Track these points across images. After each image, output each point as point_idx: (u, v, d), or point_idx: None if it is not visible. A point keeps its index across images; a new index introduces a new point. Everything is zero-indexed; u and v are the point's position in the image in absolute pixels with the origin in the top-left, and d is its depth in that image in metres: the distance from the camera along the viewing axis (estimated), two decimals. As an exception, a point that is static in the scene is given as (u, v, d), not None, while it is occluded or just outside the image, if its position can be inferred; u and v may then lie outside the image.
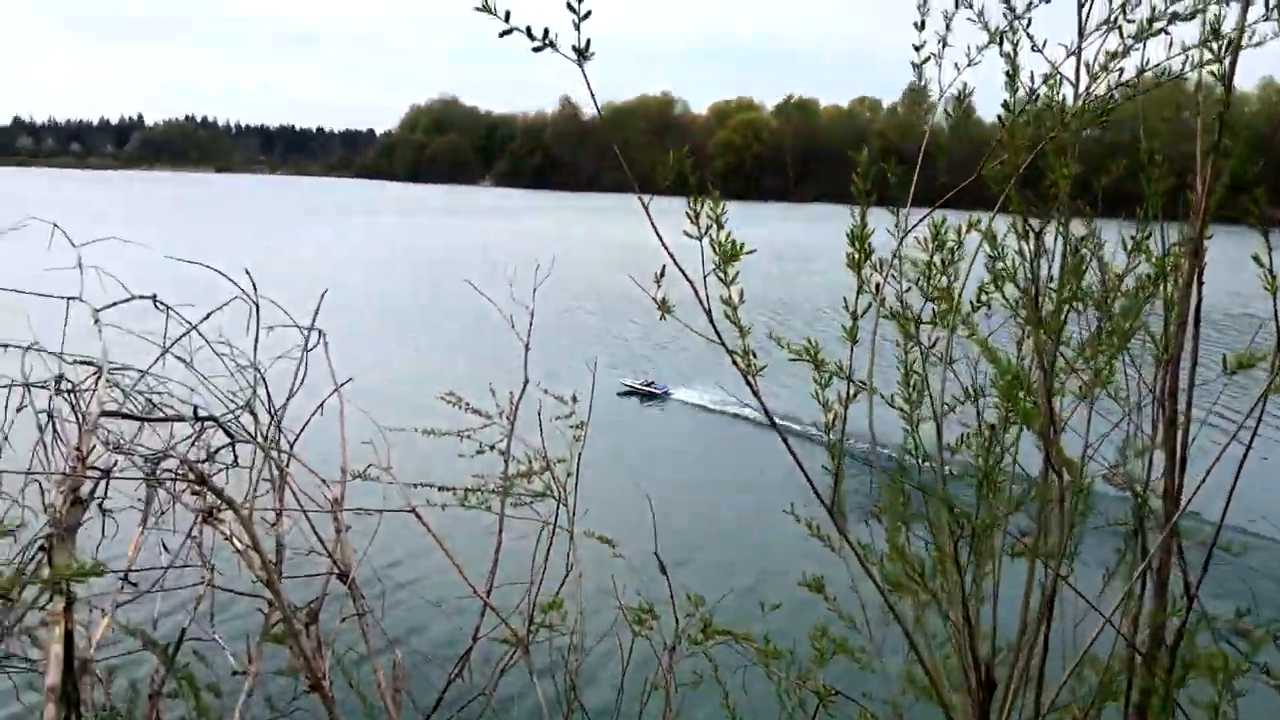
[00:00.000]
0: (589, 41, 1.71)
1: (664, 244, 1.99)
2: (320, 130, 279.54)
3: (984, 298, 2.39)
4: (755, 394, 1.87)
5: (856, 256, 2.03)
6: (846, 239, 2.02)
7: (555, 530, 3.77)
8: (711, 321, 1.86)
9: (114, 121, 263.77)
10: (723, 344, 1.87)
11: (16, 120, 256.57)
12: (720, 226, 1.89)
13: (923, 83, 2.35)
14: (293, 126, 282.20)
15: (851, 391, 2.20)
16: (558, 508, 3.84)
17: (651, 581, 3.91)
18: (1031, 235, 2.26)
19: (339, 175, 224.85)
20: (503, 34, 1.70)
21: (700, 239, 1.91)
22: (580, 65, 1.74)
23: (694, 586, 3.76)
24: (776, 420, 2.01)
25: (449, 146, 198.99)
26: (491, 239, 51.65)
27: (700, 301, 1.83)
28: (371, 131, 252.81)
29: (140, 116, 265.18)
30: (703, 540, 14.70)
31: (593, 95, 1.84)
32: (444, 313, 23.90)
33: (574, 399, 4.37)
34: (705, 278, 1.82)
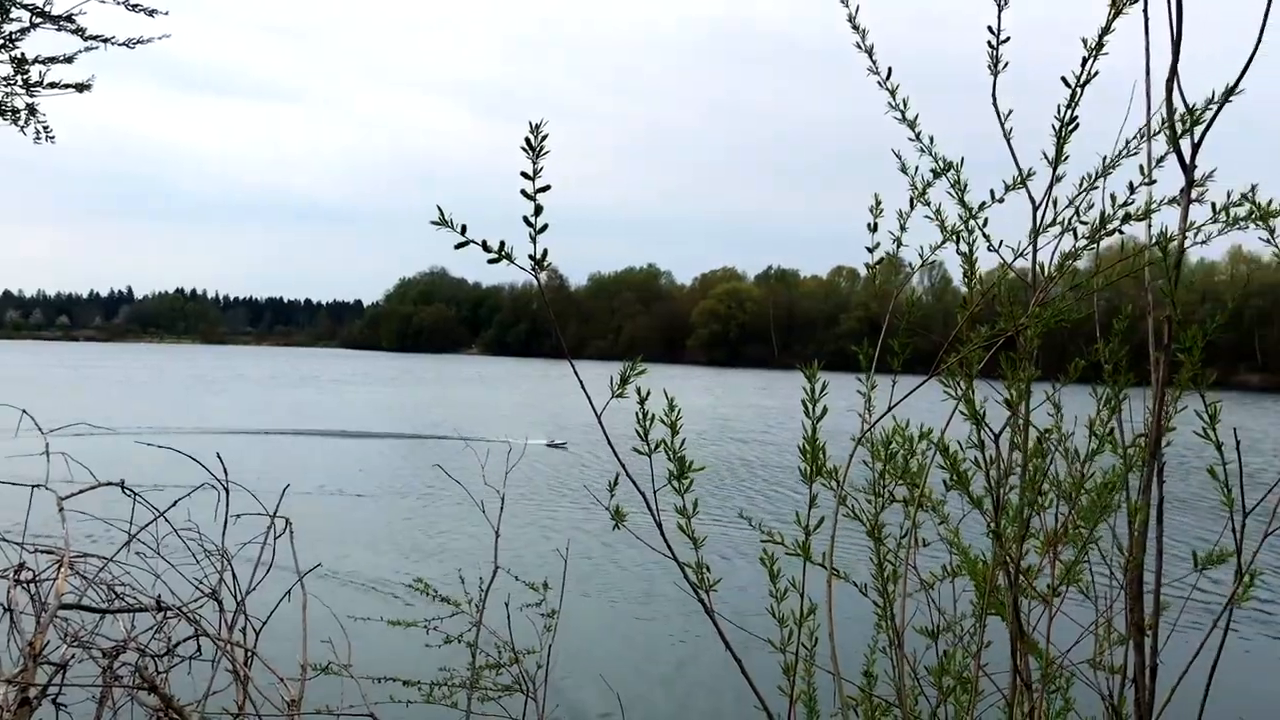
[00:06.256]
0: (545, 252, 1.75)
1: (604, 430, 1.95)
2: (308, 302, 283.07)
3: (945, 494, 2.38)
4: (709, 612, 1.81)
5: (808, 469, 2.01)
6: (799, 450, 2.01)
7: (524, 728, 3.65)
8: (663, 534, 1.82)
9: (103, 294, 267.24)
10: (674, 558, 1.82)
11: (6, 294, 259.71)
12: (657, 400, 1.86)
13: (877, 282, 2.38)
14: (280, 298, 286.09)
15: (808, 608, 2.15)
16: (525, 702, 3.72)
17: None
18: (990, 439, 2.27)
19: (325, 345, 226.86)
20: (458, 246, 1.73)
21: (649, 445, 1.88)
22: (535, 274, 1.77)
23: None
24: (731, 643, 1.92)
25: (436, 317, 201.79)
26: (467, 411, 51.68)
27: (651, 514, 1.80)
28: (359, 303, 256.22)
29: (130, 289, 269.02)
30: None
31: (544, 298, 1.86)
32: (420, 493, 23.66)
33: (545, 585, 4.28)
34: (655, 491, 1.78)
